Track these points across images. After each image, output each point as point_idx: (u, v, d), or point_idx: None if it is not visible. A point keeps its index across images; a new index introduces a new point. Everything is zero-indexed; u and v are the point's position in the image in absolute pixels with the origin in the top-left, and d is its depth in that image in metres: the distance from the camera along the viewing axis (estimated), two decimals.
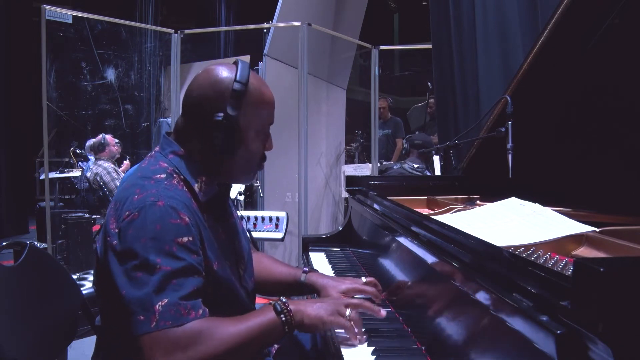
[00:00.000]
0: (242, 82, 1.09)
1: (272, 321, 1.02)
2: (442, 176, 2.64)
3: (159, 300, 0.93)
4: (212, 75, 1.12)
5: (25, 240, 1.52)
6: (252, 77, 1.12)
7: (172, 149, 1.13)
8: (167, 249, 0.97)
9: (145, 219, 0.99)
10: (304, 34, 3.36)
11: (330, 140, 4.57)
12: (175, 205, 1.02)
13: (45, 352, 1.35)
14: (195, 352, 0.92)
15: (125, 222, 1.00)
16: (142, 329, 0.92)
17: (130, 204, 1.02)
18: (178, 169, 1.11)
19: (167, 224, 0.99)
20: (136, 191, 1.04)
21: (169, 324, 0.92)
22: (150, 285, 0.94)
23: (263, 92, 1.15)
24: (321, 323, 1.05)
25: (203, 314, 0.97)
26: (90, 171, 4.70)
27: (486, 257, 0.86)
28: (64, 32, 5.70)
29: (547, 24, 1.54)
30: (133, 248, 0.97)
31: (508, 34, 2.77)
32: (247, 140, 1.13)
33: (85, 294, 2.01)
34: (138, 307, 0.93)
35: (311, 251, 1.93)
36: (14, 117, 6.13)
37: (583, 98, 1.54)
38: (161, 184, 1.06)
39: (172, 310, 0.93)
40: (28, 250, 1.39)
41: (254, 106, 1.12)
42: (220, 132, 1.08)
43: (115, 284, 0.98)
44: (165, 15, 9.41)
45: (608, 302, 0.55)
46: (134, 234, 0.98)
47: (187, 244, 1.00)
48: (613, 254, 1.04)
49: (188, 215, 1.03)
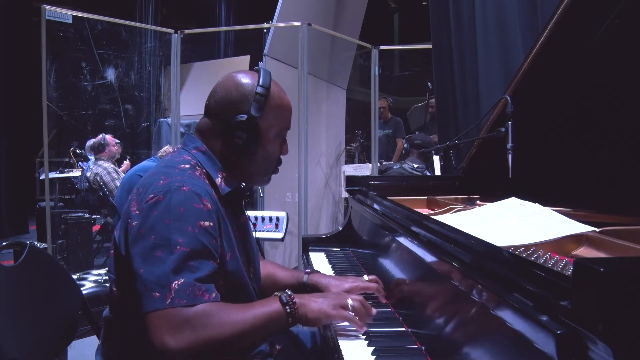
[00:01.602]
0: (264, 86, 1.17)
1: (278, 311, 1.04)
2: (442, 176, 2.64)
3: (176, 280, 0.97)
4: (236, 79, 1.20)
5: (25, 240, 1.52)
6: (273, 83, 1.20)
7: (195, 145, 1.19)
8: (189, 230, 1.02)
9: (170, 201, 1.03)
10: (304, 34, 3.36)
11: (330, 140, 4.57)
12: (199, 191, 1.07)
13: (45, 352, 1.35)
14: (203, 333, 0.95)
15: (148, 204, 1.04)
16: (154, 306, 0.95)
17: (155, 187, 1.07)
18: (201, 162, 1.17)
19: (190, 207, 1.04)
20: (161, 177, 1.09)
21: (183, 302, 0.95)
22: (168, 264, 0.98)
23: (283, 97, 1.23)
24: (324, 316, 1.08)
25: (216, 297, 1.00)
26: (90, 171, 4.70)
27: (486, 257, 0.86)
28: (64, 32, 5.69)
29: (547, 23, 1.54)
30: (156, 228, 1.01)
31: (508, 33, 2.76)
32: (267, 142, 1.20)
33: (85, 294, 2.01)
34: (155, 284, 0.96)
35: (311, 251, 1.93)
36: (14, 117, 6.12)
37: (583, 98, 1.54)
38: (185, 173, 1.11)
39: (187, 290, 0.96)
40: (28, 250, 1.39)
41: (274, 109, 1.20)
42: (242, 132, 1.15)
43: (131, 265, 1.01)
44: (165, 15, 9.42)
45: (608, 302, 0.55)
46: (158, 216, 1.02)
47: (208, 228, 1.05)
48: (613, 254, 1.04)
49: (210, 202, 1.08)
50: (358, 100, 6.84)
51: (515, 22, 2.71)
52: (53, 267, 1.52)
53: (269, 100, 1.18)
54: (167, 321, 0.94)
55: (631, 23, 1.32)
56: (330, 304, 1.09)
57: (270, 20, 3.94)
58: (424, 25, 3.82)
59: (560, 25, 1.50)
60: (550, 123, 1.68)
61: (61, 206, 5.18)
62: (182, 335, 0.93)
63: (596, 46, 1.41)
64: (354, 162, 5.50)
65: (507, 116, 1.71)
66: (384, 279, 1.39)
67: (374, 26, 6.47)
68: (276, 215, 2.92)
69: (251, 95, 1.16)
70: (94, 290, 2.24)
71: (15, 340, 1.21)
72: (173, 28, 3.81)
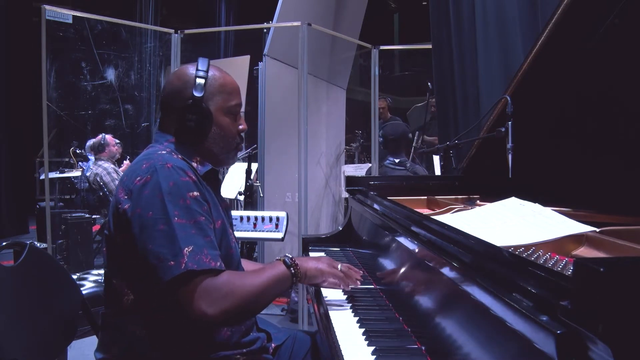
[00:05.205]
0: (203, 70, 1.26)
1: (284, 273, 1.20)
2: (442, 176, 2.64)
3: (185, 247, 1.06)
4: (177, 72, 1.31)
5: (25, 240, 1.52)
6: (212, 67, 1.29)
7: (165, 139, 1.28)
8: (182, 202, 1.10)
9: (159, 178, 1.11)
10: (304, 34, 3.36)
11: (330, 140, 4.57)
12: (182, 166, 1.16)
13: (45, 352, 1.35)
14: (232, 299, 1.07)
15: (138, 186, 1.13)
16: (173, 273, 1.04)
17: (140, 171, 1.14)
18: (174, 151, 1.24)
19: (178, 180, 1.12)
20: (143, 163, 1.17)
21: (196, 267, 1.05)
22: (174, 235, 1.06)
23: (224, 76, 1.31)
24: (320, 273, 1.25)
25: (221, 266, 1.10)
26: (90, 171, 4.70)
27: (486, 257, 0.86)
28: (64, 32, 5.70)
29: (547, 24, 1.54)
30: (151, 205, 1.09)
31: (508, 33, 2.76)
32: (217, 120, 1.27)
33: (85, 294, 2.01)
34: (167, 254, 1.05)
35: (311, 251, 1.93)
36: (14, 117, 6.13)
37: (583, 98, 1.54)
38: (165, 155, 1.19)
39: (197, 256, 1.06)
40: (28, 250, 1.39)
41: (218, 88, 1.28)
42: (192, 114, 1.23)
43: (135, 246, 1.09)
44: (165, 15, 9.40)
45: (608, 302, 0.55)
46: (150, 193, 1.10)
47: (198, 197, 1.14)
48: (613, 254, 1.04)
49: (193, 175, 1.17)
50: (358, 100, 6.84)
51: (515, 22, 2.71)
52: (53, 267, 1.52)
53: (210, 80, 1.26)
54: (202, 291, 1.05)
55: (631, 23, 1.32)
56: (324, 263, 1.27)
57: (270, 20, 3.93)
58: (424, 25, 3.81)
59: (560, 26, 1.50)
60: (551, 123, 1.68)
61: (61, 206, 5.18)
62: (217, 303, 1.05)
63: (596, 46, 1.41)
64: (354, 162, 5.49)
65: (507, 116, 1.70)
66: (384, 279, 1.39)
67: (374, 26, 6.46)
68: (276, 215, 2.91)
69: (192, 80, 1.25)
70: (94, 290, 2.24)
71: (15, 340, 1.21)
72: (173, 28, 3.80)
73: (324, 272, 1.26)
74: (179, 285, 1.05)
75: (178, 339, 1.16)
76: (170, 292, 1.06)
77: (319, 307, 1.33)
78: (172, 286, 1.05)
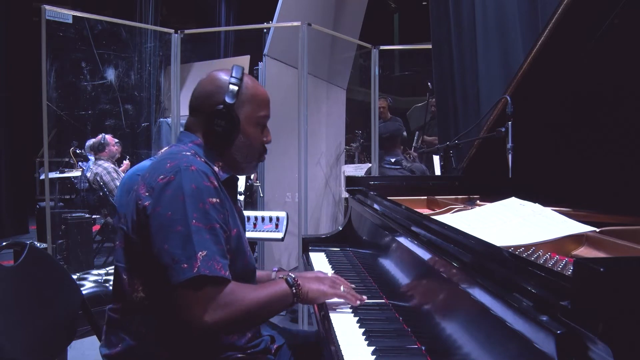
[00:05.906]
0: (237, 77, 1.28)
1: (285, 291, 1.20)
2: (442, 176, 2.64)
3: (200, 251, 1.07)
4: (211, 75, 1.31)
5: (25, 240, 1.52)
6: (246, 76, 1.31)
7: (190, 139, 1.28)
8: (201, 206, 1.11)
9: (182, 179, 1.12)
10: (304, 34, 3.36)
11: (330, 140, 4.57)
12: (206, 170, 1.17)
13: (45, 352, 1.35)
14: (230, 310, 1.08)
15: (160, 184, 1.12)
16: (185, 275, 1.04)
17: (164, 170, 1.15)
18: (198, 153, 1.25)
19: (201, 184, 1.13)
20: (167, 162, 1.17)
21: (208, 272, 1.05)
22: (190, 238, 1.07)
23: (256, 87, 1.32)
24: (322, 295, 1.25)
25: (229, 276, 1.11)
26: (90, 171, 4.70)
27: (486, 257, 0.86)
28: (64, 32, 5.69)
29: (547, 24, 1.54)
30: (172, 205, 1.10)
31: (508, 33, 2.76)
32: (245, 128, 1.28)
33: (85, 294, 2.01)
34: (182, 256, 1.06)
35: (311, 251, 1.93)
36: (14, 117, 6.12)
37: (583, 98, 1.54)
38: (189, 157, 1.20)
39: (209, 262, 1.07)
40: (28, 250, 1.39)
41: (249, 97, 1.29)
42: (221, 119, 1.24)
43: (151, 244, 1.09)
44: (165, 15, 9.40)
45: (608, 302, 0.55)
46: (172, 194, 1.11)
47: (216, 205, 1.15)
48: (613, 254, 1.04)
49: (215, 181, 1.18)
50: (358, 100, 6.84)
51: (515, 22, 2.71)
52: (53, 267, 1.52)
53: (243, 89, 1.28)
54: (206, 297, 1.05)
55: (631, 23, 1.32)
56: (326, 284, 1.27)
57: (270, 20, 3.93)
58: (424, 25, 3.81)
59: (560, 25, 1.50)
60: (551, 123, 1.68)
61: (61, 206, 5.19)
62: (216, 312, 1.06)
63: (596, 46, 1.41)
64: (354, 162, 5.49)
65: (507, 116, 1.71)
66: (384, 279, 1.39)
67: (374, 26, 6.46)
68: (276, 215, 2.91)
69: (225, 86, 1.26)
70: (94, 290, 2.24)
71: (16, 340, 1.21)
72: (173, 28, 3.80)
73: (326, 294, 1.26)
74: (187, 288, 1.05)
75: (185, 339, 1.16)
76: (174, 293, 1.06)
77: (319, 307, 1.33)
78: (179, 288, 1.05)
